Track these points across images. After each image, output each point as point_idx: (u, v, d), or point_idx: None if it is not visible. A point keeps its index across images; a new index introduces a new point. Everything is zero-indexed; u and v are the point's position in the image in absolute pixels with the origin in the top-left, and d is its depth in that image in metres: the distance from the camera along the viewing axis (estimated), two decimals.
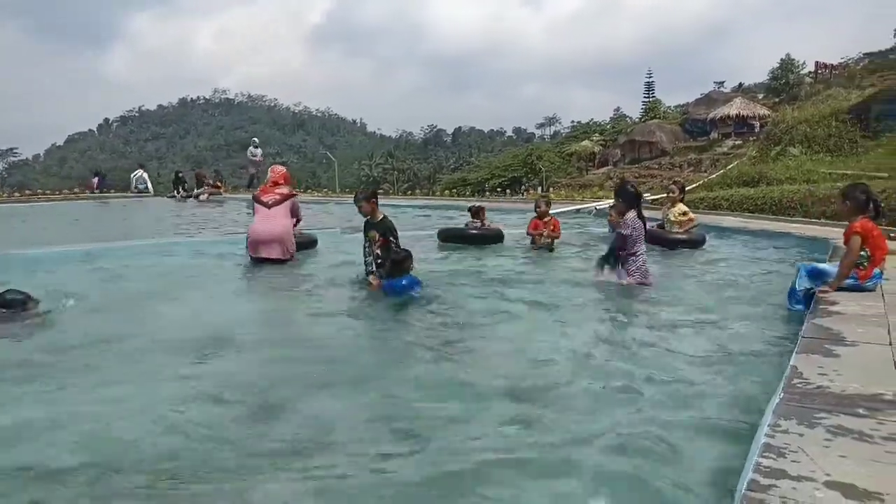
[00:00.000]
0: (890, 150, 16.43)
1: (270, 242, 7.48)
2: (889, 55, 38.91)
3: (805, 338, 3.51)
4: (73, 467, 2.56)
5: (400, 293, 5.69)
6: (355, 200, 6.25)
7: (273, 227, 7.55)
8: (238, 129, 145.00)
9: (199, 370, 3.83)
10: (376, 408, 3.21)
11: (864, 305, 4.31)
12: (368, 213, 6.18)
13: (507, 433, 2.83)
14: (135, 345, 4.33)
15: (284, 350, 4.33)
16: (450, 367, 3.85)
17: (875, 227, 4.84)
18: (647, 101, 41.29)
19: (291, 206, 7.84)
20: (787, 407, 2.46)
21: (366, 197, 6.19)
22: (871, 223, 4.81)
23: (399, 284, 5.75)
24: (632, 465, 2.51)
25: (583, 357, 3.95)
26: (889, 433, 2.20)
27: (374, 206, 6.18)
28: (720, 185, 18.05)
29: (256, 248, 7.55)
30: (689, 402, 3.17)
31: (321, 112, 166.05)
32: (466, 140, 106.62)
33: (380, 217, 6.19)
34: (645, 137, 31.16)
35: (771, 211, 12.92)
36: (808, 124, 20.33)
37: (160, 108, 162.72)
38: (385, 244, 6.03)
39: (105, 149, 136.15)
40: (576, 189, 25.65)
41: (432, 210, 17.34)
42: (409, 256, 5.93)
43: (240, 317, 5.35)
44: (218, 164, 75.56)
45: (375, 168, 70.88)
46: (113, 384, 3.55)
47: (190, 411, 3.14)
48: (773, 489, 1.83)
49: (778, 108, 27.92)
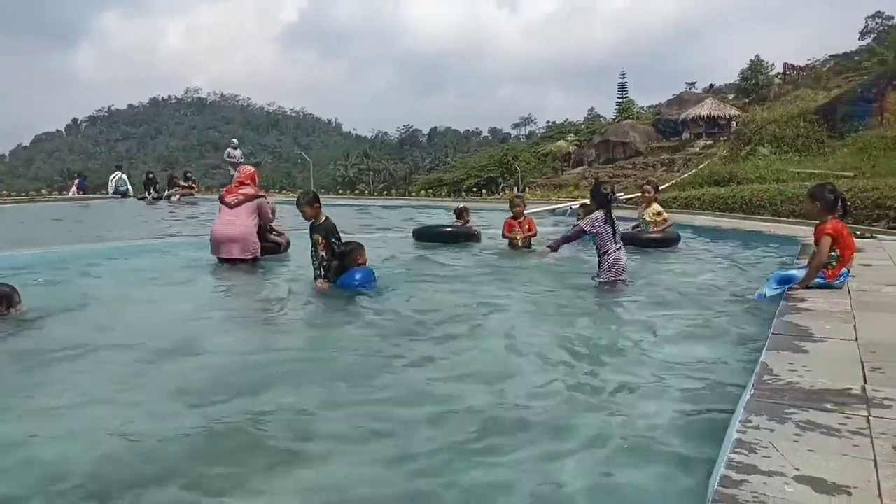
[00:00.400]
0: (855, 150, 16.84)
1: (230, 242, 7.45)
2: (853, 57, 39.92)
3: (775, 334, 3.57)
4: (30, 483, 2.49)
5: (355, 288, 5.68)
6: (298, 205, 6.23)
7: (233, 228, 7.51)
8: (211, 128, 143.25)
9: (152, 376, 3.70)
10: (344, 413, 3.15)
11: (831, 302, 4.40)
12: (312, 216, 6.16)
13: (477, 435, 2.82)
14: (89, 352, 4.16)
15: (243, 356, 4.20)
16: (418, 369, 3.82)
17: (845, 226, 4.92)
18: (621, 102, 41.77)
19: (256, 207, 7.74)
20: (758, 403, 2.50)
21: (308, 201, 6.16)
22: (842, 224, 4.88)
23: (352, 279, 5.74)
24: (609, 467, 2.53)
25: (552, 357, 3.95)
26: (856, 427, 2.25)
27: (317, 209, 6.18)
28: (692, 185, 18.33)
29: (217, 248, 7.54)
30: (660, 398, 3.20)
31: (296, 112, 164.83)
32: (442, 140, 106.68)
33: (322, 219, 6.18)
34: (619, 137, 31.50)
35: (742, 210, 13.15)
36: (777, 124, 20.76)
37: (130, 107, 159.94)
38: (327, 246, 6.05)
39: (74, 149, 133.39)
40: (551, 189, 25.85)
41: (412, 209, 17.34)
42: (359, 247, 5.92)
43: (198, 322, 5.16)
44: (191, 164, 74.56)
45: (351, 168, 70.55)
46: (67, 392, 3.42)
47: (141, 422, 3.01)
48: (745, 484, 1.85)
49: (748, 108, 28.45)
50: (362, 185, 59.80)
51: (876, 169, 14.46)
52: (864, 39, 47.50)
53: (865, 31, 50.30)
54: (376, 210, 18.52)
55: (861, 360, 3.04)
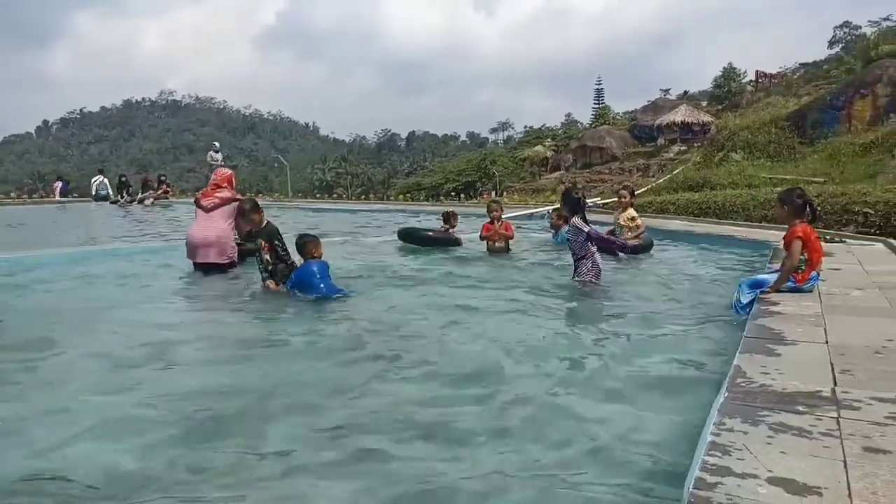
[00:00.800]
0: (825, 156, 17.20)
1: (206, 246, 7.37)
2: (823, 65, 40.88)
3: (748, 338, 3.63)
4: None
5: (310, 281, 5.71)
6: (245, 215, 6.38)
7: (208, 232, 7.42)
8: (185, 131, 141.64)
9: (124, 387, 3.59)
10: (316, 420, 3.10)
11: (802, 306, 4.49)
12: (258, 223, 6.32)
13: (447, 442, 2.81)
14: (58, 360, 4.07)
15: (216, 363, 4.14)
16: (394, 372, 3.81)
17: (813, 230, 5.02)
18: (597, 108, 42.25)
19: (233, 211, 7.62)
20: (732, 405, 2.53)
21: (254, 209, 6.33)
22: (810, 228, 4.98)
23: (308, 269, 5.77)
24: (582, 470, 2.54)
25: (525, 360, 3.95)
26: (826, 429, 2.29)
27: (261, 215, 6.36)
28: (667, 190, 18.55)
29: (193, 252, 7.45)
30: (634, 401, 3.22)
31: (273, 115, 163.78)
32: (421, 144, 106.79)
33: (264, 224, 6.33)
34: (595, 143, 31.82)
35: (715, 214, 13.35)
36: (750, 131, 21.12)
37: (103, 109, 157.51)
38: (271, 249, 6.14)
39: (45, 152, 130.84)
40: (529, 193, 25.98)
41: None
42: (314, 241, 5.98)
43: (168, 329, 5.02)
44: (165, 167, 73.57)
45: (328, 172, 70.25)
46: (36, 401, 3.35)
47: (83, 443, 2.87)
48: (720, 486, 1.87)
49: (721, 115, 28.95)
50: (340, 189, 59.56)
51: (844, 175, 14.79)
52: (832, 48, 48.79)
53: (834, 40, 51.66)
54: (365, 215, 18.39)
55: (831, 363, 3.10)
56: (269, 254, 6.14)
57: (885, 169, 14.37)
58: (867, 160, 15.35)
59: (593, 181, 27.34)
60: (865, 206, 10.28)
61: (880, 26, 40.18)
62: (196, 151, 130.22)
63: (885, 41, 21.18)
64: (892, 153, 15.02)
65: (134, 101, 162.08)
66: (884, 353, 3.28)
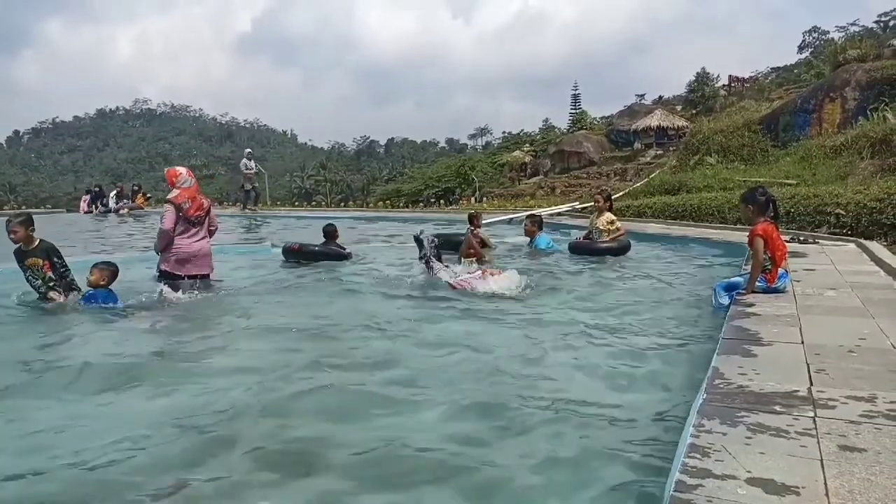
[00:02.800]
0: (797, 159, 17.49)
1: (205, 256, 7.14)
2: (793, 70, 41.71)
3: (725, 339, 3.67)
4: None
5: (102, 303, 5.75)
6: (7, 225, 5.82)
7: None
8: (161, 140, 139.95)
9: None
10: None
11: (777, 306, 4.55)
12: (22, 239, 5.82)
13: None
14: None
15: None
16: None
17: (775, 229, 5.06)
18: (574, 113, 42.55)
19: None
20: (710, 407, 2.56)
21: (22, 222, 5.78)
22: (771, 226, 5.02)
23: (100, 296, 5.80)
24: (565, 474, 2.54)
25: (499, 366, 3.94)
26: (803, 428, 2.32)
27: (31, 233, 5.87)
28: (644, 194, 18.76)
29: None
30: (614, 405, 3.24)
31: (249, 123, 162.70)
32: (399, 151, 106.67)
33: (37, 242, 5.91)
34: (573, 148, 32.06)
35: (691, 217, 13.54)
36: (724, 134, 21.42)
37: (76, 119, 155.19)
38: (51, 266, 5.89)
39: (16, 162, 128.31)
40: (508, 199, 26.07)
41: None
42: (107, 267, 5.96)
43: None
44: (139, 176, 72.57)
45: (307, 180, 69.87)
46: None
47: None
48: (700, 489, 1.88)
49: (695, 119, 29.32)
50: (319, 196, 59.21)
51: (816, 176, 15.07)
52: (802, 53, 49.83)
53: (803, 45, 52.80)
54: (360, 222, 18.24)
55: (807, 363, 3.14)
56: (51, 271, 5.87)
57: (856, 171, 14.67)
58: (838, 162, 15.65)
59: (572, 185, 27.54)
60: (837, 207, 10.48)
61: (847, 31, 41.22)
62: (171, 161, 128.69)
63: (852, 46, 21.66)
64: (861, 155, 15.33)
65: (108, 110, 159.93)
66: (857, 351, 3.34)
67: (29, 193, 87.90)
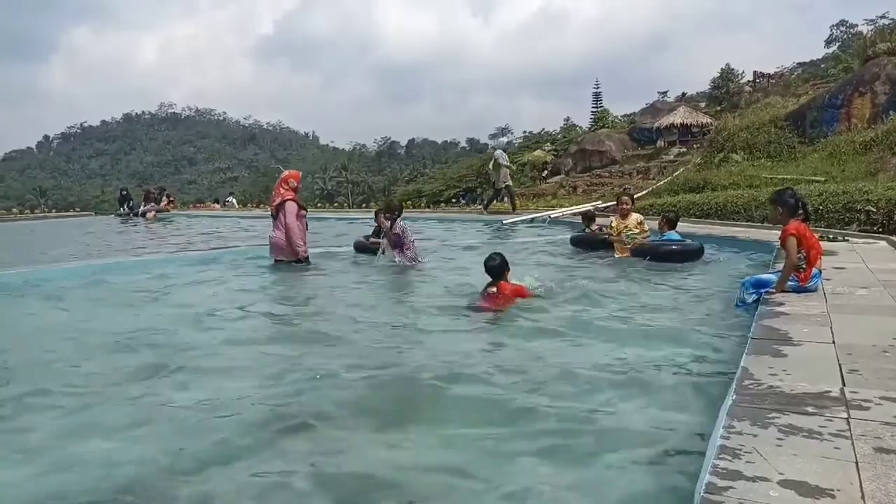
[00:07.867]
0: (825, 155, 17.14)
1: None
2: (820, 64, 40.94)
3: (754, 339, 3.61)
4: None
5: None
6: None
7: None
8: (186, 143, 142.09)
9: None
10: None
11: (807, 305, 4.47)
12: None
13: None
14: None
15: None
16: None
17: (807, 227, 5.05)
18: (596, 111, 42.20)
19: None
20: (740, 408, 2.52)
21: None
22: (804, 225, 5.01)
23: None
24: (594, 473, 2.53)
25: (507, 367, 3.93)
26: (837, 430, 2.27)
27: None
28: (668, 192, 18.54)
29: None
30: (643, 404, 3.21)
31: (272, 126, 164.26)
32: (420, 151, 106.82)
33: None
34: (595, 146, 31.79)
35: (716, 216, 13.34)
36: (749, 131, 21.07)
37: (104, 123, 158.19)
38: None
39: (46, 167, 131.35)
40: (530, 198, 25.94)
41: None
42: None
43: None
44: (165, 179, 73.66)
45: (329, 181, 70.31)
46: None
47: None
48: (730, 490, 1.86)
49: (720, 116, 28.90)
50: (341, 197, 59.59)
51: (846, 173, 14.76)
52: (829, 47, 48.86)
53: (830, 39, 51.76)
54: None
55: (839, 363, 3.08)
56: None
57: (886, 166, 14.34)
58: (868, 158, 15.30)
59: (594, 184, 27.32)
60: (868, 203, 10.26)
61: (877, 24, 40.27)
62: (196, 164, 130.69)
63: (882, 39, 21.14)
64: (892, 150, 14.97)
65: (134, 115, 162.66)
66: (891, 351, 3.26)
67: (58, 197, 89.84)
